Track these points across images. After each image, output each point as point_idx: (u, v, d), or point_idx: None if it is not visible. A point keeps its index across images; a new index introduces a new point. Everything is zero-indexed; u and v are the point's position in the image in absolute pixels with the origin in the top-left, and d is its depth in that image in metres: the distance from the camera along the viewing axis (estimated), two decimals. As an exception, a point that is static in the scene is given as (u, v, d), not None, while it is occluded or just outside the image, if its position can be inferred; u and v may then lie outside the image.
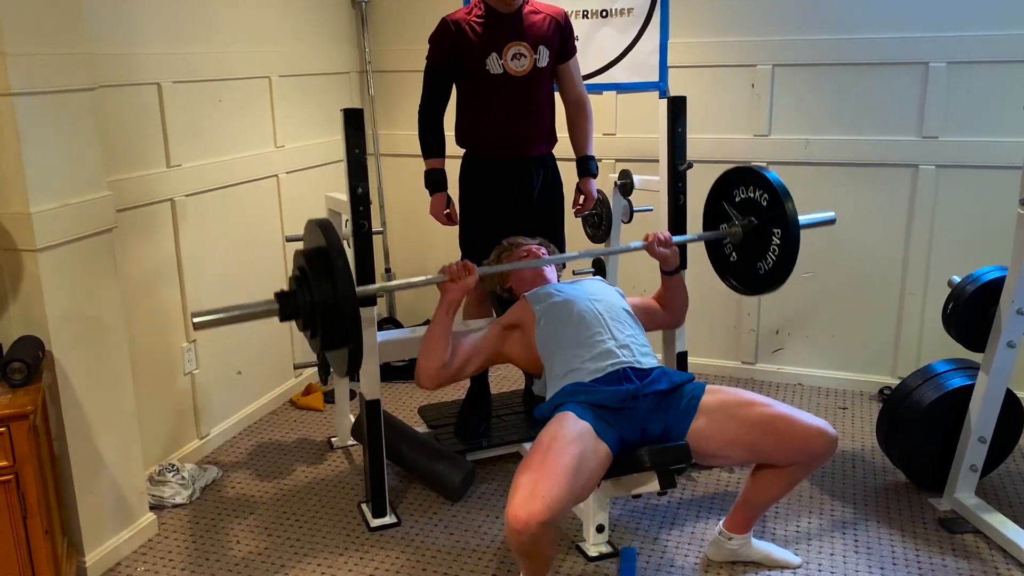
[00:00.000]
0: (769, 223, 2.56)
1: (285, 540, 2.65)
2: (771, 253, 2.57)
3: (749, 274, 2.69)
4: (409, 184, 4.13)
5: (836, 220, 2.78)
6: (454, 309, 2.40)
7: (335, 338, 2.17)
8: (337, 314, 2.11)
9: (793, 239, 2.49)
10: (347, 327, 2.12)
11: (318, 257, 2.15)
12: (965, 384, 2.71)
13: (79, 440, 2.40)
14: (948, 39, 3.29)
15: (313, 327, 2.19)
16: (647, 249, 2.56)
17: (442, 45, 2.83)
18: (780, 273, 2.56)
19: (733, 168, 2.71)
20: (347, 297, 2.10)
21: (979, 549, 2.53)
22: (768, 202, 2.56)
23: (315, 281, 2.12)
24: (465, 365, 2.44)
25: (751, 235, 2.63)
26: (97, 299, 2.44)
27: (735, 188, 2.68)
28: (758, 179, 2.59)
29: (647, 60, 3.72)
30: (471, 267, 2.38)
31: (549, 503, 1.89)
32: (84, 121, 2.36)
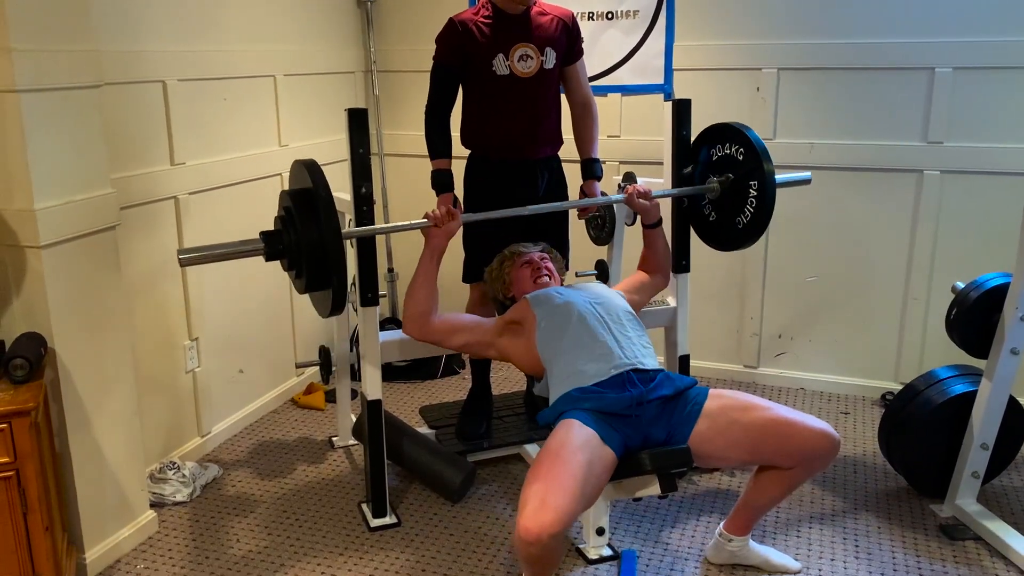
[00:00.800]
0: (746, 176, 2.63)
1: (285, 539, 2.65)
2: (748, 206, 2.63)
3: (729, 230, 2.75)
4: (413, 184, 4.12)
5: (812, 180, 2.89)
6: (438, 255, 2.45)
7: (319, 277, 2.20)
8: (322, 253, 2.14)
9: (769, 188, 2.57)
10: (331, 266, 2.14)
11: (304, 197, 2.16)
12: (968, 390, 2.70)
13: (80, 437, 2.40)
14: (954, 44, 3.28)
15: (298, 267, 2.23)
16: (627, 201, 2.66)
17: (449, 45, 2.83)
18: (759, 224, 2.62)
19: (709, 127, 2.78)
20: (332, 235, 2.13)
21: (980, 556, 2.52)
22: (744, 155, 2.63)
23: (300, 221, 2.15)
24: (453, 333, 2.48)
25: (729, 191, 2.70)
26: (100, 296, 2.44)
27: (712, 147, 2.75)
28: (733, 134, 2.67)
29: (652, 62, 3.72)
30: (455, 213, 2.44)
31: (560, 514, 1.89)
32: (89, 118, 2.37)
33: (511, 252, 2.73)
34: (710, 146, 2.77)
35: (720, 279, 3.82)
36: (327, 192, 2.15)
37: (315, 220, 2.14)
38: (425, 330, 2.47)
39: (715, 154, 2.74)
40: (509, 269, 2.68)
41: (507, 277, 2.68)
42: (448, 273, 2.84)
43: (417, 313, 2.45)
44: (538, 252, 2.71)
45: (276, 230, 2.24)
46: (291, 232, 2.19)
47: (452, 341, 2.51)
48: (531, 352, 2.41)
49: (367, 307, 2.60)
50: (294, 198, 2.21)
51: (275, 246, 2.22)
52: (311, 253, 2.16)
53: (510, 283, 2.67)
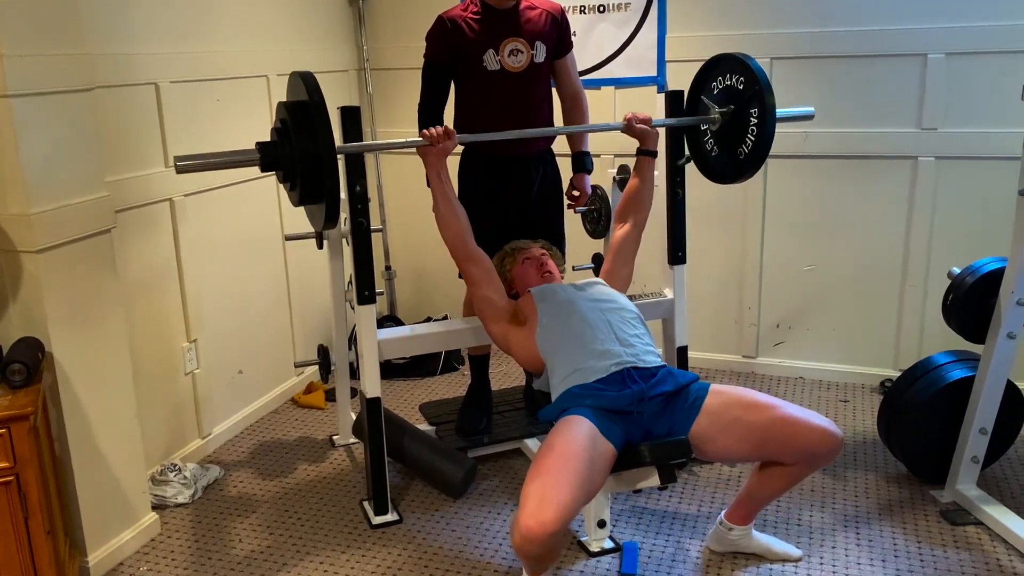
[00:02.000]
0: (747, 104, 2.60)
1: (287, 538, 2.66)
2: (750, 135, 2.60)
3: (729, 161, 2.72)
4: (408, 182, 4.13)
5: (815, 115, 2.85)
6: (443, 173, 2.52)
7: (314, 189, 2.24)
8: (316, 165, 2.17)
9: (770, 115, 2.52)
10: (326, 177, 2.17)
11: (299, 109, 2.20)
12: (966, 376, 2.71)
13: (80, 441, 2.40)
14: (946, 30, 3.28)
15: (293, 179, 2.27)
16: (626, 128, 2.69)
17: (439, 43, 2.83)
18: (759, 152, 2.58)
19: (712, 58, 2.75)
20: (326, 147, 2.17)
21: (981, 540, 2.52)
22: (744, 83, 2.60)
23: (296, 132, 2.19)
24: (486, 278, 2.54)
25: (730, 121, 2.67)
26: (97, 300, 2.44)
27: (714, 80, 2.73)
28: (735, 64, 2.64)
29: (645, 55, 3.72)
30: (451, 132, 2.49)
31: (560, 511, 1.89)
32: (82, 122, 2.36)
33: (512, 248, 2.74)
34: (712, 79, 2.73)
35: (717, 269, 3.82)
36: (322, 105, 2.18)
37: (309, 133, 2.17)
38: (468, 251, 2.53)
39: (716, 86, 2.71)
40: (511, 266, 2.69)
41: (508, 274, 2.68)
42: (446, 269, 2.84)
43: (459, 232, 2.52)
44: (539, 248, 2.72)
45: (272, 141, 2.28)
46: (286, 144, 2.23)
47: (471, 271, 2.54)
48: (531, 347, 2.41)
49: (364, 305, 2.60)
50: (290, 110, 2.23)
51: (270, 156, 2.25)
52: (305, 165, 2.19)
53: (512, 279, 2.67)
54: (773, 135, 2.53)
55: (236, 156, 2.29)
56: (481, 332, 2.65)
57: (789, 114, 2.74)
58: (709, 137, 2.78)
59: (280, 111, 2.29)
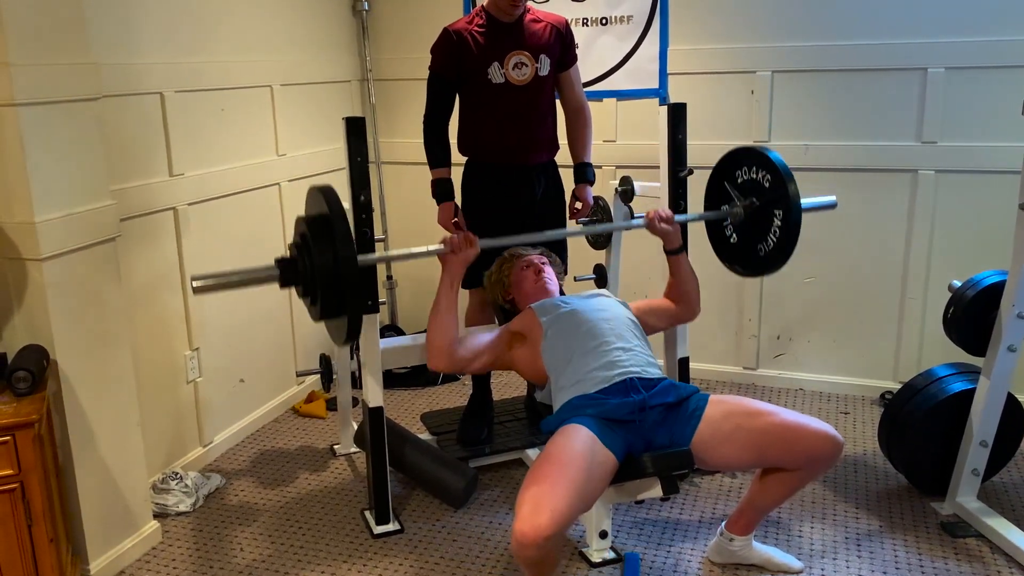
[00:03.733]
0: (771, 204, 2.53)
1: (289, 547, 2.66)
2: (772, 235, 2.54)
3: (749, 255, 2.67)
4: (410, 192, 4.14)
5: (837, 204, 2.77)
6: (457, 282, 2.41)
7: (335, 304, 2.17)
8: (337, 280, 2.10)
9: (794, 220, 2.46)
10: (347, 293, 2.11)
11: (320, 223, 2.15)
12: (966, 388, 2.72)
13: (83, 448, 2.41)
14: (946, 44, 3.30)
15: (313, 294, 2.19)
16: (648, 226, 2.58)
17: (444, 55, 2.85)
18: (780, 255, 2.53)
19: (736, 148, 2.68)
20: (348, 261, 2.09)
21: (981, 553, 2.53)
22: (770, 183, 2.53)
23: (316, 246, 2.12)
24: (475, 358, 2.45)
25: (752, 216, 2.61)
26: (101, 308, 2.45)
27: (737, 169, 2.65)
28: (761, 159, 2.56)
29: (647, 67, 3.74)
30: (472, 239, 2.38)
31: (555, 517, 1.89)
32: (88, 131, 2.38)
33: (511, 255, 2.74)
34: (736, 168, 2.67)
35: (718, 281, 3.82)
36: (343, 219, 2.11)
37: (330, 248, 2.10)
38: (452, 360, 2.41)
39: (740, 176, 2.64)
40: (509, 272, 2.69)
41: (507, 280, 2.68)
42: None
43: (445, 343, 2.39)
44: (537, 255, 2.72)
45: (291, 257, 2.20)
46: (306, 259, 2.16)
47: (474, 365, 2.47)
48: (535, 361, 2.42)
49: (367, 314, 2.61)
50: (309, 224, 2.19)
51: (290, 273, 2.18)
52: (325, 281, 2.12)
53: (510, 285, 2.68)
54: (797, 237, 2.48)
55: (254, 274, 2.20)
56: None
57: (812, 204, 2.65)
58: (728, 224, 2.73)
59: (299, 225, 2.22)
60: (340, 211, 2.12)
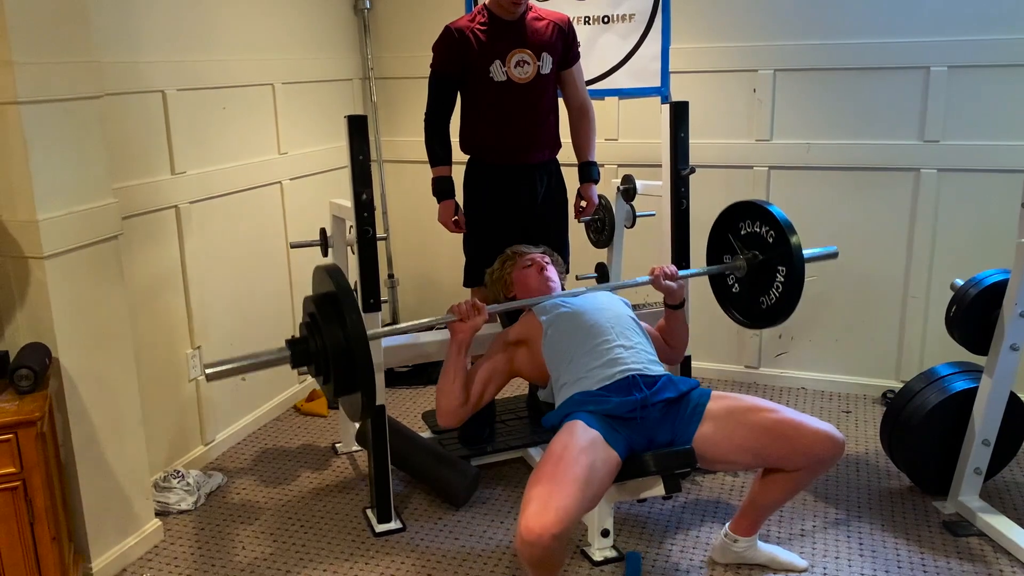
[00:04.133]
0: (774, 260, 2.57)
1: (290, 546, 2.66)
2: (774, 289, 2.59)
3: (751, 307, 2.70)
4: (412, 190, 4.14)
5: (838, 254, 2.81)
6: (466, 348, 2.39)
7: (348, 382, 2.15)
8: (349, 358, 2.08)
9: (797, 277, 2.50)
10: (360, 371, 2.10)
11: (328, 302, 2.14)
12: (968, 387, 2.71)
13: (85, 446, 2.41)
14: (949, 43, 3.30)
15: (326, 373, 2.17)
16: (653, 283, 2.57)
17: (446, 53, 2.85)
18: (783, 308, 2.57)
19: (739, 202, 2.71)
20: (359, 341, 2.08)
21: (984, 552, 2.53)
22: (774, 239, 2.57)
23: (326, 326, 2.11)
24: (483, 394, 2.44)
25: (755, 269, 2.64)
26: (103, 306, 2.45)
27: (740, 221, 2.68)
28: (764, 215, 2.59)
29: (649, 66, 3.72)
30: (480, 307, 2.38)
31: (561, 515, 1.89)
32: (90, 129, 2.38)
33: (513, 252, 2.74)
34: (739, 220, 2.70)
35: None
36: (350, 297, 2.11)
37: (340, 326, 2.09)
38: (461, 417, 2.42)
39: (744, 228, 2.67)
40: (511, 269, 2.69)
41: (508, 278, 2.68)
42: (449, 277, 2.85)
43: (453, 408, 2.39)
44: (539, 253, 2.72)
45: (302, 337, 2.19)
46: (316, 339, 2.14)
47: (486, 399, 2.46)
48: (537, 361, 2.42)
49: (369, 313, 2.61)
50: (317, 303, 2.17)
51: (301, 353, 2.17)
52: (337, 359, 2.11)
53: (511, 283, 2.68)
54: (800, 294, 2.53)
55: (267, 356, 2.18)
56: (484, 341, 2.65)
57: (814, 255, 2.69)
58: (731, 275, 2.76)
59: (307, 305, 2.22)
60: (347, 289, 2.11)
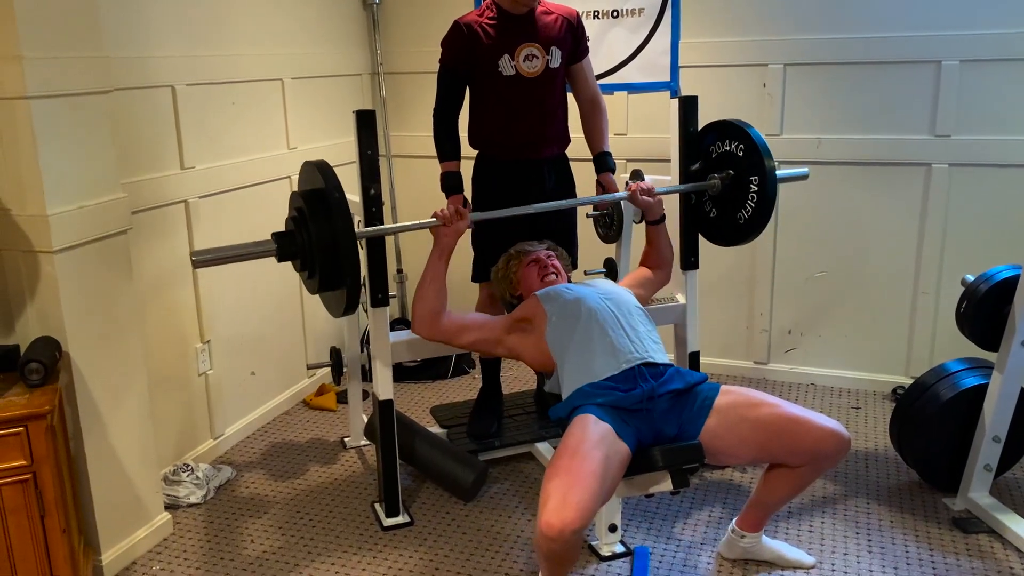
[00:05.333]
0: (747, 171, 2.65)
1: (299, 539, 2.67)
2: (749, 201, 2.66)
3: (729, 226, 2.78)
4: (421, 185, 4.14)
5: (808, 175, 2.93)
6: (447, 255, 2.47)
7: (333, 277, 2.21)
8: (334, 253, 2.14)
9: (770, 184, 2.58)
10: (345, 266, 2.15)
11: (316, 198, 2.19)
12: (979, 383, 2.70)
13: (95, 440, 2.42)
14: (960, 37, 3.27)
15: (311, 267, 2.24)
16: (630, 198, 2.71)
17: (454, 48, 2.84)
18: (759, 220, 2.65)
19: (710, 123, 2.79)
20: (345, 234, 2.14)
21: (993, 549, 2.52)
22: (744, 152, 2.65)
23: (312, 221, 2.16)
24: (461, 331, 2.49)
25: (729, 187, 2.72)
26: (113, 300, 2.46)
27: (712, 144, 2.77)
28: (734, 131, 2.69)
29: (658, 60, 3.72)
30: (463, 212, 2.47)
31: (581, 510, 1.89)
32: (99, 124, 2.38)
33: (517, 251, 2.74)
34: (711, 143, 2.79)
35: (729, 276, 3.82)
36: (339, 192, 2.16)
37: (327, 220, 2.15)
38: (434, 329, 2.48)
39: (715, 151, 2.77)
40: (516, 268, 2.69)
41: (513, 276, 2.68)
42: (457, 273, 2.85)
43: (427, 312, 2.47)
44: (544, 250, 2.72)
45: (288, 231, 2.26)
46: (303, 233, 2.20)
47: (461, 339, 2.52)
48: (541, 348, 2.42)
49: (377, 308, 2.62)
50: (306, 198, 2.22)
51: (287, 247, 2.23)
52: (323, 253, 2.17)
53: (517, 282, 2.67)
54: (775, 201, 2.62)
55: (252, 248, 2.26)
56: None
57: (785, 175, 2.81)
58: (708, 199, 2.84)
59: (295, 200, 2.26)
60: (336, 185, 2.15)
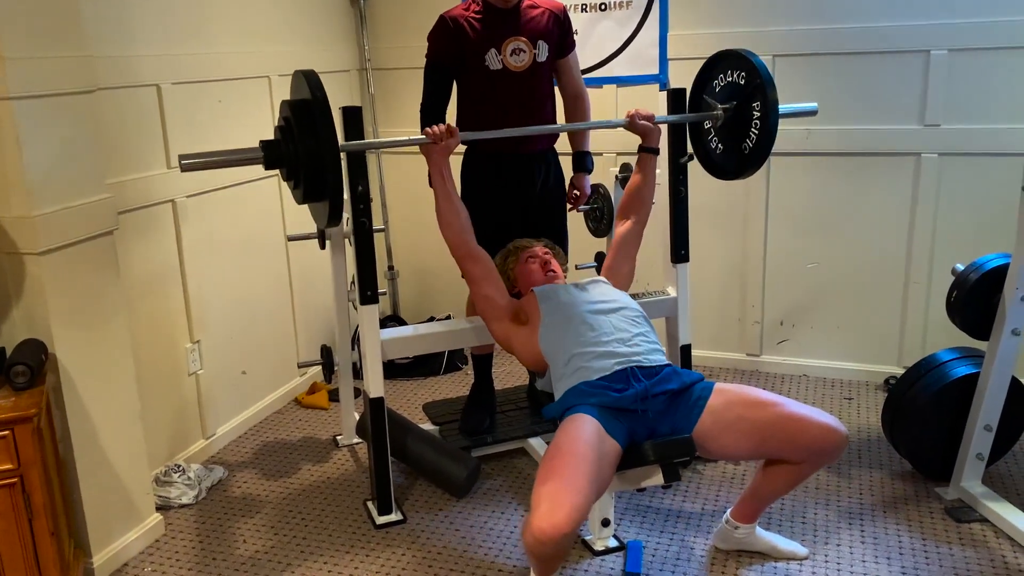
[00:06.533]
0: (749, 99, 2.59)
1: (292, 539, 2.66)
2: (753, 130, 2.60)
3: (733, 157, 2.71)
4: (411, 182, 4.12)
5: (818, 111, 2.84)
6: (445, 171, 2.54)
7: (317, 187, 2.25)
8: (319, 162, 2.19)
9: (772, 110, 2.51)
10: (329, 175, 2.19)
11: (303, 109, 2.23)
12: (970, 372, 2.70)
13: (84, 442, 2.41)
14: (949, 26, 3.27)
15: (296, 177, 2.29)
16: (629, 124, 2.69)
17: (441, 43, 2.83)
18: (762, 148, 2.57)
19: (714, 55, 2.74)
20: (329, 145, 2.18)
21: (986, 537, 2.52)
22: (746, 79, 2.60)
23: (299, 130, 2.21)
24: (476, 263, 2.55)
25: (733, 117, 2.67)
26: (100, 301, 2.44)
27: (715, 77, 2.73)
28: (737, 60, 2.64)
29: (647, 53, 3.71)
30: (454, 130, 2.51)
31: (573, 514, 1.89)
32: (84, 124, 2.37)
33: (515, 247, 2.74)
34: (714, 77, 2.73)
35: (720, 268, 3.82)
36: (325, 103, 2.19)
37: (312, 130, 2.19)
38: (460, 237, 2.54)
39: (718, 84, 2.71)
40: (513, 264, 2.69)
41: (511, 273, 2.68)
42: (449, 269, 2.84)
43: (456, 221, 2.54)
44: (541, 247, 2.72)
45: (275, 139, 2.30)
46: (289, 142, 2.25)
47: (472, 270, 2.55)
48: (533, 346, 2.41)
49: (367, 305, 2.60)
50: (293, 108, 2.25)
51: (273, 154, 2.28)
52: (309, 163, 2.21)
53: (515, 278, 2.67)
54: (776, 130, 2.53)
55: (240, 154, 2.32)
56: (484, 331, 2.65)
57: (792, 110, 2.73)
58: (713, 135, 2.77)
59: (283, 109, 2.30)
60: (322, 95, 2.19)
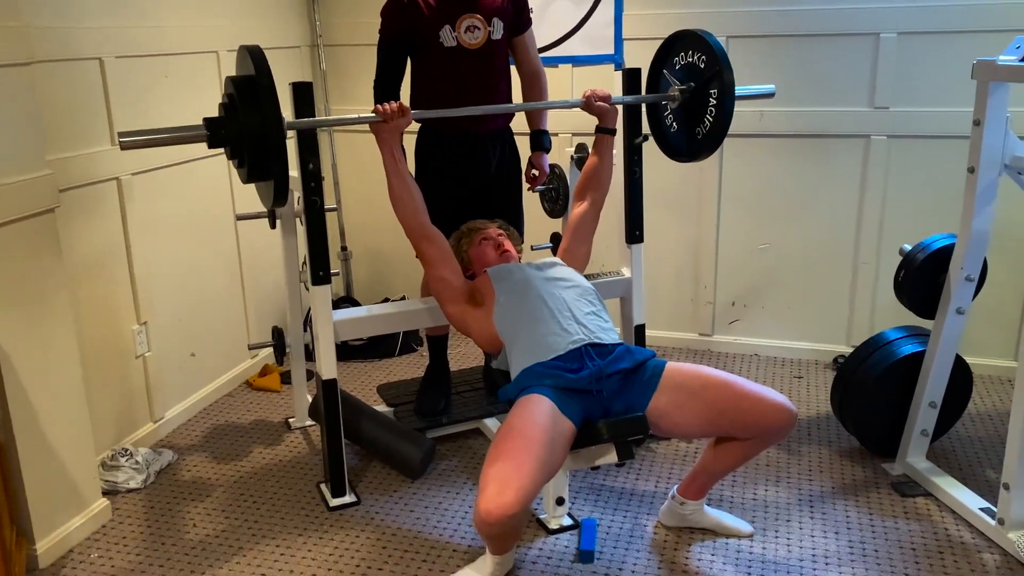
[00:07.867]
0: (707, 83, 2.59)
1: (243, 522, 2.62)
2: (708, 115, 2.60)
3: (688, 139, 2.71)
4: (364, 161, 4.07)
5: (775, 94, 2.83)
6: (397, 150, 2.49)
7: (262, 166, 2.20)
8: (264, 141, 2.13)
9: (729, 94, 2.51)
10: (273, 157, 2.14)
11: (246, 84, 2.16)
12: (916, 351, 2.76)
13: (25, 427, 2.34)
14: (898, 9, 3.31)
15: (241, 155, 2.23)
16: (586, 105, 2.66)
17: (394, 18, 2.78)
18: (718, 131, 2.57)
19: (674, 33, 2.73)
20: (274, 123, 2.12)
21: (930, 511, 2.58)
22: (705, 62, 2.59)
23: (243, 109, 2.14)
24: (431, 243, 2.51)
25: (690, 99, 2.66)
26: (40, 282, 2.37)
27: (675, 56, 2.72)
28: (696, 41, 2.62)
29: (602, 33, 3.70)
30: (405, 109, 2.45)
31: (520, 494, 1.88)
32: (21, 98, 2.28)
33: (468, 229, 2.71)
34: (673, 55, 2.72)
35: (674, 249, 3.84)
36: (269, 80, 2.13)
37: (257, 107, 2.12)
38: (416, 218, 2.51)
39: (678, 63, 2.70)
40: (467, 246, 2.67)
41: (465, 255, 2.66)
42: (404, 250, 2.81)
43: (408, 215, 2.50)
44: (495, 228, 2.70)
45: (219, 117, 2.21)
46: (234, 119, 2.18)
47: (427, 251, 2.52)
48: (489, 327, 2.40)
49: (319, 285, 2.56)
50: (237, 85, 2.17)
51: (217, 132, 2.20)
52: (253, 142, 2.15)
53: (469, 260, 2.65)
54: (732, 114, 2.53)
55: (182, 132, 2.23)
56: (439, 312, 2.62)
57: (750, 92, 2.74)
58: (669, 113, 2.77)
59: (227, 86, 2.23)
60: (266, 71, 2.12)
